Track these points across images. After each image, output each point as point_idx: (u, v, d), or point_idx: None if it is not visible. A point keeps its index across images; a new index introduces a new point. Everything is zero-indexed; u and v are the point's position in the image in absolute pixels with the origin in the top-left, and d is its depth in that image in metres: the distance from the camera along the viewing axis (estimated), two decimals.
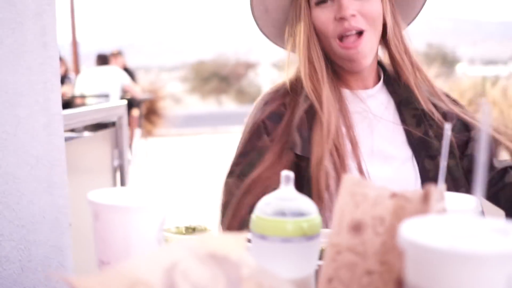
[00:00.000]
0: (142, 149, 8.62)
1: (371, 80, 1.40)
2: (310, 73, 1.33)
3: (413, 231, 0.49)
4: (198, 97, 34.08)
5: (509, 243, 0.47)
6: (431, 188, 0.61)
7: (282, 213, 0.74)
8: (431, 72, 14.10)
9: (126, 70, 8.68)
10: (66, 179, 1.62)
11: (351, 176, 0.63)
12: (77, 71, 10.22)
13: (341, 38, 1.29)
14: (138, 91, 8.34)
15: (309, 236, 0.73)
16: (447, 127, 0.73)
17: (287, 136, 1.30)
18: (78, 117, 2.02)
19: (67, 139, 2.30)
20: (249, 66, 37.07)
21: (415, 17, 1.47)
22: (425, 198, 0.60)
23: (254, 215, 0.76)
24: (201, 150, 10.49)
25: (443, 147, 0.73)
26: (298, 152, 1.28)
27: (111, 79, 7.90)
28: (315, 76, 1.32)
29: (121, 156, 2.48)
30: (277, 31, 1.43)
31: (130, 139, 8.67)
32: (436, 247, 0.46)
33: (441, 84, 13.28)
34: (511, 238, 0.48)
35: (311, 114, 1.32)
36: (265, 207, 0.75)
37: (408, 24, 1.45)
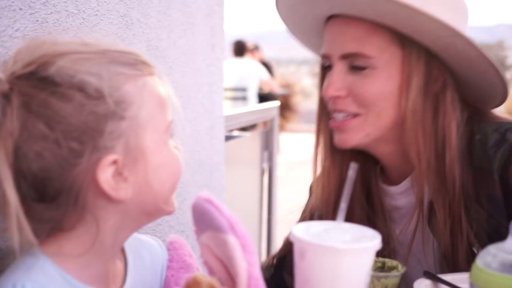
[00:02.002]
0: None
1: (396, 175, 1.14)
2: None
3: None
4: None
5: None
6: None
7: (508, 268, 0.63)
8: None
9: (264, 64, 8.72)
10: (224, 184, 1.60)
11: None
12: None
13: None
14: (275, 86, 8.36)
15: None
16: None
17: None
18: (236, 119, 2.00)
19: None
20: None
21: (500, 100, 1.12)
22: None
23: (477, 266, 0.65)
24: None
25: None
26: None
27: (249, 73, 7.97)
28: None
29: (270, 158, 2.44)
30: None
31: None
32: None
33: None
34: None
35: None
36: (489, 259, 0.64)
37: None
